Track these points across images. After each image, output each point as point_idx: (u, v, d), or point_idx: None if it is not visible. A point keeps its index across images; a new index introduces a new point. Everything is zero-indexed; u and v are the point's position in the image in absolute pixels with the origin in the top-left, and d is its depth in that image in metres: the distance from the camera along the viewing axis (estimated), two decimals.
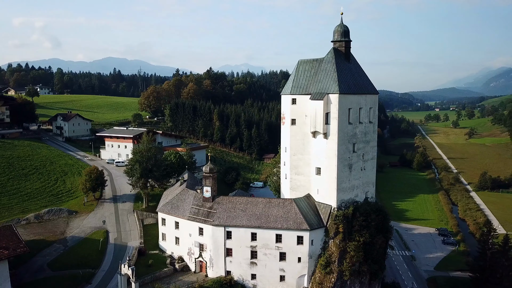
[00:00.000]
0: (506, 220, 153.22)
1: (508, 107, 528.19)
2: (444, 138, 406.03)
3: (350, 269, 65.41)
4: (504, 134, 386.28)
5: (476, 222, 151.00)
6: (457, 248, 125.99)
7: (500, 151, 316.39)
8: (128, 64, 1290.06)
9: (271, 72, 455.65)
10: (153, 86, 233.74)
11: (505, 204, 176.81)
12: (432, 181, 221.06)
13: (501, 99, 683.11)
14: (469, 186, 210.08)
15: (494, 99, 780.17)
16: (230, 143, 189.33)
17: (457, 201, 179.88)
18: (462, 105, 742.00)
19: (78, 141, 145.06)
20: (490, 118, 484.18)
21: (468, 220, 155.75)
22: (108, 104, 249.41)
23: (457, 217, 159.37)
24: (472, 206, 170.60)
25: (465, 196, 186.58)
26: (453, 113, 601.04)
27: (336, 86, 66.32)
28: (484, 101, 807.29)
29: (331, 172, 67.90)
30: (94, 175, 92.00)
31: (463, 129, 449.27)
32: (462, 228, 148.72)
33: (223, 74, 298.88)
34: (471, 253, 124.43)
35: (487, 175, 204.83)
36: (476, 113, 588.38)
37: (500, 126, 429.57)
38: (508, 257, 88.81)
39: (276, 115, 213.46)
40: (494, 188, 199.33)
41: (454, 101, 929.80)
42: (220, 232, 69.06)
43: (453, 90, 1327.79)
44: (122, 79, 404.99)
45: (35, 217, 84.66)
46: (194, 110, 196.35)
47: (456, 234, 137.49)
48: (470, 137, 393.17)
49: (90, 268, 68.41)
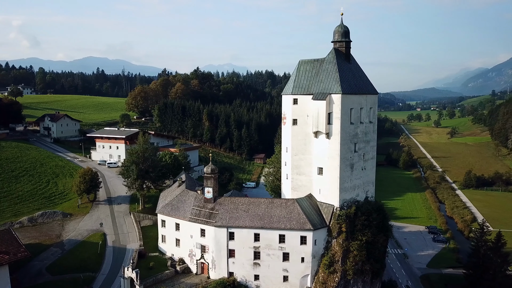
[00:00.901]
0: (492, 217, 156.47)
1: (487, 107, 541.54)
2: (427, 137, 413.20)
3: (354, 268, 65.86)
4: (484, 133, 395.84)
5: (464, 219, 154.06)
6: (448, 245, 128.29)
7: (481, 150, 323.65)
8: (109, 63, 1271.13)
9: (256, 72, 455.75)
10: (141, 86, 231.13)
11: (490, 202, 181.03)
12: (419, 179, 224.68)
13: (479, 99, 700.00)
14: (454, 184, 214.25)
15: (473, 99, 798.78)
16: (220, 143, 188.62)
17: (444, 199, 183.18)
18: (443, 105, 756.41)
19: (67, 142, 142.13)
20: (471, 118, 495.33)
21: (456, 218, 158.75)
22: (93, 105, 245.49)
23: (445, 215, 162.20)
24: (459, 204, 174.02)
25: (452, 194, 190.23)
26: (435, 112, 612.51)
27: (339, 86, 66.65)
28: (463, 101, 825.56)
29: (333, 172, 68.17)
30: (88, 177, 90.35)
31: (444, 128, 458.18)
32: (451, 225, 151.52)
33: (210, 74, 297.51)
34: (461, 250, 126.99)
35: (471, 174, 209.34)
36: (457, 112, 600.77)
37: (480, 126, 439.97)
38: (500, 254, 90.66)
39: (266, 115, 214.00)
40: (478, 186, 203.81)
41: (435, 101, 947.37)
42: (223, 233, 68.56)
43: (433, 90, 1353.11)
44: (105, 79, 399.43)
45: (28, 220, 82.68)
46: (183, 110, 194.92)
47: (445, 232, 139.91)
48: (452, 136, 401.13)
49: (90, 271, 67.12)
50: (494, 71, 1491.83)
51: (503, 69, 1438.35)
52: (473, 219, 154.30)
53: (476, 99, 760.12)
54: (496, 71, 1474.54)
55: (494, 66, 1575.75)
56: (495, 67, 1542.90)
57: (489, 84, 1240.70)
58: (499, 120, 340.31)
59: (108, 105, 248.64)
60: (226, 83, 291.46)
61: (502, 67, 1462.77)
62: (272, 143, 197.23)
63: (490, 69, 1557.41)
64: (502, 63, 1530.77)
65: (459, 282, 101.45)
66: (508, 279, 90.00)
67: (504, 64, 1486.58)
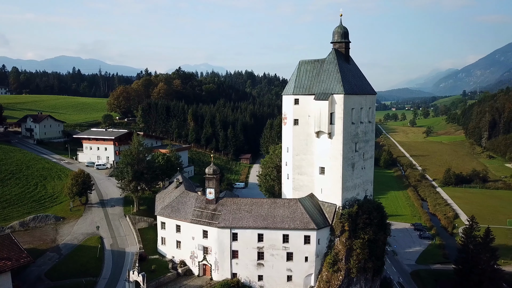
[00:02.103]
0: (472, 213, 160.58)
1: (459, 106, 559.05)
2: (404, 136, 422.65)
3: (357, 266, 66.73)
4: (458, 132, 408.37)
5: (447, 216, 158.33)
6: (434, 242, 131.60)
7: (456, 148, 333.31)
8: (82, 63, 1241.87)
9: (236, 72, 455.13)
10: (123, 86, 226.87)
11: (469, 199, 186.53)
12: (400, 178, 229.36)
13: (451, 99, 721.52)
14: (434, 182, 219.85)
15: (445, 98, 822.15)
16: (205, 144, 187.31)
17: (426, 197, 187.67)
18: (417, 105, 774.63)
19: (51, 144, 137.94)
20: (444, 117, 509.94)
21: (439, 215, 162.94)
22: (72, 105, 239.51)
23: (428, 212, 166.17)
24: (440, 201, 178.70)
25: (433, 192, 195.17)
26: (410, 112, 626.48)
27: (341, 86, 67.41)
28: (436, 100, 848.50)
29: (336, 172, 68.86)
30: (81, 179, 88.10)
31: (420, 127, 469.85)
32: (434, 222, 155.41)
33: (192, 73, 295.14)
34: (447, 246, 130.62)
35: (451, 172, 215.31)
36: (431, 112, 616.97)
37: (454, 125, 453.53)
38: (489, 249, 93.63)
39: (250, 115, 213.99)
40: (457, 184, 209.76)
41: (408, 100, 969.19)
42: (226, 234, 68.24)
43: (406, 90, 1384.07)
44: (82, 78, 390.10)
45: (20, 224, 80.00)
46: (168, 110, 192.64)
47: (430, 229, 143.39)
48: (427, 135, 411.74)
49: (90, 276, 65.51)
50: (464, 72, 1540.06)
51: (472, 70, 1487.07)
52: (455, 216, 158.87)
53: (448, 99, 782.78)
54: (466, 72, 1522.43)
55: (464, 67, 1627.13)
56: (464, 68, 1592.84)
57: (459, 85, 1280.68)
58: (473, 120, 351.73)
59: (87, 105, 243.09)
60: (208, 83, 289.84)
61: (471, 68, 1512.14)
62: (258, 143, 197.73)
63: (460, 70, 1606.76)
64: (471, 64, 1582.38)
65: (448, 277, 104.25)
66: (496, 273, 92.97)
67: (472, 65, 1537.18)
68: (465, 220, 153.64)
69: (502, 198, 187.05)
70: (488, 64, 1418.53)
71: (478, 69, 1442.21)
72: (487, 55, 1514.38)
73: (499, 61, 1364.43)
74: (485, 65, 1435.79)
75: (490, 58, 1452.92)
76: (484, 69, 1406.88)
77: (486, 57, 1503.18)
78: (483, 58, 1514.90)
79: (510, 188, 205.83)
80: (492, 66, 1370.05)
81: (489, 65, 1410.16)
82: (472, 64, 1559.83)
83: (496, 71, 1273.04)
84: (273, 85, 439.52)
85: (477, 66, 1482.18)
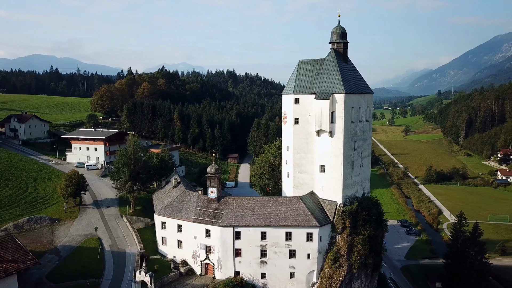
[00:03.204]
0: (455, 209, 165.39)
1: (435, 106, 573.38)
2: (384, 135, 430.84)
3: (359, 262, 68.14)
4: (436, 131, 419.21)
5: (431, 212, 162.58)
6: (420, 237, 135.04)
7: (434, 146, 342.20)
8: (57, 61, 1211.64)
9: (217, 71, 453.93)
10: (106, 85, 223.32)
11: (450, 195, 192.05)
12: (383, 176, 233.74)
13: (427, 99, 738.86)
14: (416, 179, 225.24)
15: (421, 98, 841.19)
16: (192, 143, 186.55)
17: (409, 194, 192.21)
18: (394, 104, 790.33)
19: (37, 144, 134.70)
20: (422, 116, 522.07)
21: (423, 211, 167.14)
22: (53, 105, 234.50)
23: (412, 209, 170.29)
24: (424, 198, 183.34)
25: (416, 189, 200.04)
26: (388, 111, 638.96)
27: (341, 86, 68.66)
28: (412, 100, 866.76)
29: (336, 170, 70.07)
30: (75, 180, 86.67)
31: (398, 126, 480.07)
32: (419, 218, 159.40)
33: (176, 73, 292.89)
34: (433, 241, 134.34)
35: (432, 169, 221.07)
36: (408, 111, 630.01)
37: (431, 124, 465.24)
38: (477, 243, 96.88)
39: (236, 115, 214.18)
40: (438, 181, 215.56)
41: (386, 100, 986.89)
42: (229, 233, 68.52)
43: (383, 90, 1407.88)
44: (60, 77, 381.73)
45: (14, 226, 78.21)
46: (153, 110, 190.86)
47: (416, 225, 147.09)
48: (406, 134, 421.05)
49: (92, 277, 64.67)
50: (438, 72, 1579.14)
51: (445, 70, 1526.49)
52: (439, 212, 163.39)
53: (423, 98, 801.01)
54: (440, 72, 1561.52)
55: (438, 67, 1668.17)
56: (438, 69, 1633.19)
57: (433, 85, 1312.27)
58: (450, 119, 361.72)
59: (68, 105, 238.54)
60: (191, 82, 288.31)
61: (445, 68, 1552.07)
62: (245, 143, 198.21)
63: (434, 70, 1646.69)
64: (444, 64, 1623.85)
65: (437, 272, 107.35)
66: (484, 267, 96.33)
67: (446, 65, 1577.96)
68: (449, 216, 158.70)
69: (481, 194, 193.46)
70: (461, 65, 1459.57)
71: (452, 69, 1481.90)
72: (460, 56, 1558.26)
73: (471, 62, 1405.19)
74: (458, 66, 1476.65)
75: (463, 59, 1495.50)
76: (457, 69, 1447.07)
77: (459, 58, 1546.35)
78: (456, 59, 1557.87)
79: (488, 184, 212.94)
80: (464, 67, 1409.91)
81: (461, 65, 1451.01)
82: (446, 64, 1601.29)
83: (469, 71, 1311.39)
84: (255, 84, 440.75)
85: (450, 66, 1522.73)
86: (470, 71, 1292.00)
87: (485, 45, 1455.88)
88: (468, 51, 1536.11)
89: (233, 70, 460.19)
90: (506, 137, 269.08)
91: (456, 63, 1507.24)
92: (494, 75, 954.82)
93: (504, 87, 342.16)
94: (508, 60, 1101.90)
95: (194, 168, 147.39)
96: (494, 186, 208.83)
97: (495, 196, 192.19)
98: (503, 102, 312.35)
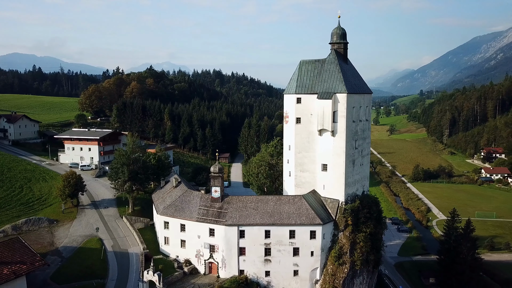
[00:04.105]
0: (443, 207, 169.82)
1: (419, 105, 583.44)
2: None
3: (361, 259, 69.41)
4: (420, 130, 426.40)
5: (420, 210, 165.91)
6: (411, 235, 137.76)
7: (419, 145, 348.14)
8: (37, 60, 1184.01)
9: (204, 71, 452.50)
10: (94, 85, 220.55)
11: (438, 193, 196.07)
12: (371, 174, 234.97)
13: (409, 98, 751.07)
14: (404, 178, 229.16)
15: (403, 98, 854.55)
16: (183, 143, 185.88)
17: (398, 192, 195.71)
18: (377, 104, 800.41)
19: (27, 145, 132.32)
20: (405, 116, 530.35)
21: (412, 209, 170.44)
22: (39, 104, 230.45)
23: (402, 206, 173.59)
24: (412, 196, 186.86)
25: (404, 187, 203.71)
26: (373, 111, 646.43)
27: (343, 86, 69.86)
28: (395, 100, 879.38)
29: (338, 168, 71.23)
30: (73, 180, 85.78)
31: (383, 126, 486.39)
32: (409, 216, 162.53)
33: (163, 72, 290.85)
34: (424, 238, 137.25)
35: (419, 168, 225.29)
36: (392, 111, 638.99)
37: (415, 123, 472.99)
38: (469, 239, 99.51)
39: (226, 114, 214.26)
40: (426, 179, 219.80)
41: None
42: (233, 232, 68.96)
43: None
44: (43, 77, 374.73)
45: (12, 228, 77.11)
46: (144, 109, 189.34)
47: (406, 222, 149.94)
48: (391, 133, 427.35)
49: (97, 278, 64.32)
50: (419, 72, 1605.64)
51: (427, 70, 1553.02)
52: (427, 210, 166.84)
53: (406, 98, 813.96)
54: (421, 72, 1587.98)
55: (419, 67, 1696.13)
56: (420, 69, 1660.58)
57: (415, 84, 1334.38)
58: (434, 118, 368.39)
59: (54, 104, 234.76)
60: (179, 82, 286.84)
61: (426, 68, 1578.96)
62: (236, 142, 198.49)
63: (416, 70, 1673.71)
64: (426, 65, 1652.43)
65: (430, 267, 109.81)
66: (476, 262, 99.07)
67: (428, 66, 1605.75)
68: (437, 214, 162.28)
69: (467, 192, 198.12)
70: (441, 65, 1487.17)
71: (433, 69, 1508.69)
72: (441, 56, 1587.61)
73: (451, 62, 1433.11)
74: (439, 66, 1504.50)
75: (444, 59, 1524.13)
76: (438, 70, 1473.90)
77: (439, 58, 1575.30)
78: (437, 59, 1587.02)
79: (473, 182, 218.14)
80: (445, 67, 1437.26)
81: (442, 65, 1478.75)
82: (427, 64, 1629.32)
83: (449, 71, 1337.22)
84: (241, 84, 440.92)
85: (431, 66, 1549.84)
86: (451, 71, 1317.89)
87: (465, 46, 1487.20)
88: (448, 51, 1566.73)
89: (219, 70, 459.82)
90: (488, 136, 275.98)
91: (437, 64, 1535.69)
92: (473, 75, 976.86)
93: (485, 87, 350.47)
94: (487, 61, 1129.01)
95: (187, 168, 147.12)
96: (479, 184, 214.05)
97: (480, 193, 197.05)
98: (485, 102, 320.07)
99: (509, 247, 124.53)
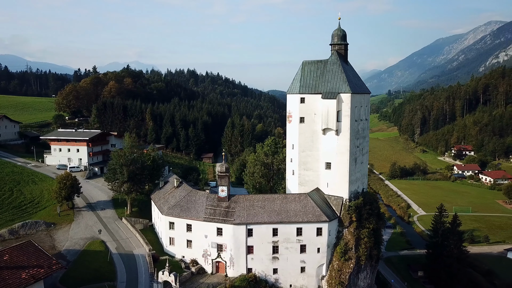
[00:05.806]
0: (421, 203, 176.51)
1: (388, 105, 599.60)
2: None
3: (366, 254, 71.59)
4: (391, 129, 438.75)
5: (400, 206, 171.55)
6: (395, 230, 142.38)
7: (392, 144, 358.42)
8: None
9: (178, 70, 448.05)
10: (72, 84, 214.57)
11: (415, 190, 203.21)
12: None
13: (378, 98, 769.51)
14: (381, 175, 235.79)
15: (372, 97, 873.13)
16: (166, 143, 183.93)
17: (378, 190, 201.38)
18: None
19: (8, 146, 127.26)
20: (376, 115, 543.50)
21: (393, 205, 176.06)
22: (11, 105, 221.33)
23: (383, 203, 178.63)
24: (392, 193, 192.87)
25: (383, 185, 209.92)
26: None
27: (347, 86, 71.81)
28: None
29: (342, 166, 73.11)
30: (69, 182, 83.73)
31: None
32: (391, 212, 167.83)
33: (141, 72, 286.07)
34: (407, 233, 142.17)
35: (396, 165, 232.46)
36: None
37: (386, 122, 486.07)
38: (456, 233, 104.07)
39: (207, 114, 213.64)
40: (402, 176, 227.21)
41: None
42: (242, 231, 69.54)
43: None
44: (10, 76, 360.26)
45: (9, 232, 74.50)
46: (125, 109, 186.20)
47: (389, 218, 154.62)
48: None
49: (107, 281, 63.26)
50: (386, 73, 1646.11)
51: (393, 71, 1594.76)
52: (407, 206, 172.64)
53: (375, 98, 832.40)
54: (388, 73, 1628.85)
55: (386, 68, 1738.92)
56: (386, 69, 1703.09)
57: (382, 85, 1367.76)
58: (405, 117, 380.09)
59: (28, 104, 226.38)
60: (156, 81, 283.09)
61: (393, 69, 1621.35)
62: (219, 142, 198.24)
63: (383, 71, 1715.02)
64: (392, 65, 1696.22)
65: (417, 261, 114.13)
66: (462, 254, 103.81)
67: (394, 66, 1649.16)
68: (417, 209, 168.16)
69: (442, 188, 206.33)
70: (407, 66, 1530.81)
71: (399, 70, 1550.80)
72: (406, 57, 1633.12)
73: (416, 63, 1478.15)
74: (404, 67, 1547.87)
75: (409, 60, 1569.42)
76: (404, 70, 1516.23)
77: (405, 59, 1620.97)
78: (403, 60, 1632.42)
79: (446, 179, 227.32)
80: (410, 68, 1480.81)
81: (408, 66, 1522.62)
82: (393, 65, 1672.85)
83: (414, 72, 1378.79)
84: (216, 84, 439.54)
85: (397, 67, 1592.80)
86: (416, 72, 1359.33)
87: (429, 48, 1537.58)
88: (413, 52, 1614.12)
89: (194, 69, 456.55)
90: (458, 134, 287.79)
91: (403, 64, 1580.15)
92: (437, 76, 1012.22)
93: (453, 87, 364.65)
94: (449, 62, 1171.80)
95: (174, 168, 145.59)
96: (452, 180, 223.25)
97: (455, 189, 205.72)
98: (454, 101, 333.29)
99: (488, 240, 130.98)
